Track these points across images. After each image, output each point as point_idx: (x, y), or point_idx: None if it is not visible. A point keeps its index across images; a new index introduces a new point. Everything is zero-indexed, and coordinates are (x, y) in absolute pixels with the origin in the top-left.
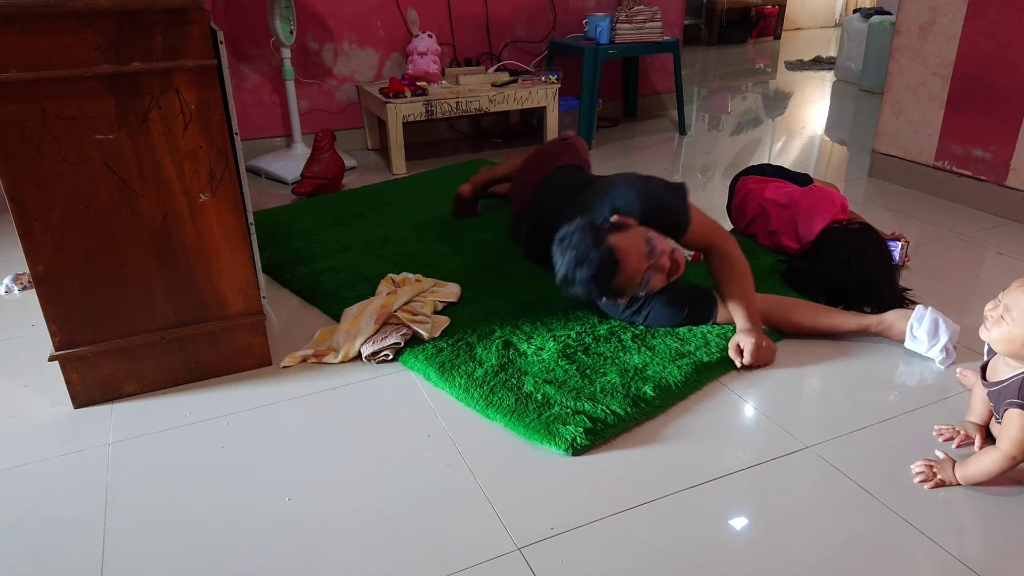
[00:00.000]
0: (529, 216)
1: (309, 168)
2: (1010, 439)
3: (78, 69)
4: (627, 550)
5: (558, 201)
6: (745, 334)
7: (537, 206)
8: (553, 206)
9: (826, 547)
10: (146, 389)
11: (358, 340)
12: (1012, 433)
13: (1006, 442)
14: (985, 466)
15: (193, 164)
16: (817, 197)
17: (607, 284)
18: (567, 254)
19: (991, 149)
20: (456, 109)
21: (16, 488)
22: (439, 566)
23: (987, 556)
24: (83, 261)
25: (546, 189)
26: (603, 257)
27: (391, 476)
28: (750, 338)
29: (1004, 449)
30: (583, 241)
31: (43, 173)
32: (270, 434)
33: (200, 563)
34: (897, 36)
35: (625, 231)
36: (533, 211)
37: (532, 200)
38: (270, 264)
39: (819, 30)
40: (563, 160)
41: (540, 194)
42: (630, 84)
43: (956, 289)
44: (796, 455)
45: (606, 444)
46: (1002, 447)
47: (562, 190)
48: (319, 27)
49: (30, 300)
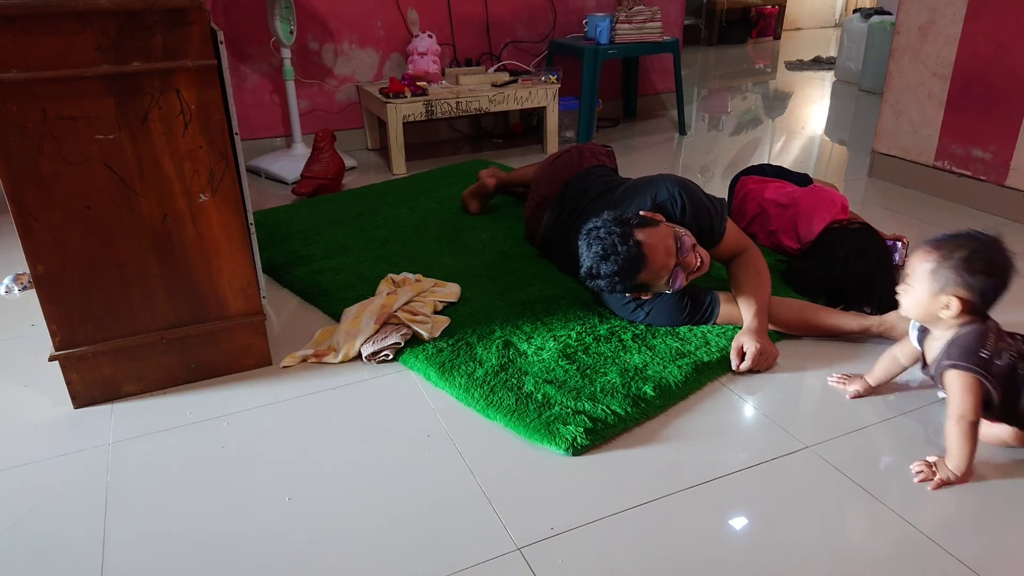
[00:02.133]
0: (555, 204)
1: (309, 168)
2: (953, 401)
3: (78, 69)
4: (627, 550)
5: (590, 193)
6: (750, 335)
7: (565, 195)
8: (583, 197)
9: (826, 547)
10: (146, 389)
11: (358, 340)
12: (952, 395)
13: (951, 406)
14: (952, 441)
15: (193, 164)
16: (817, 197)
17: (632, 279)
18: (593, 247)
19: (991, 149)
20: (456, 109)
21: (16, 488)
22: (439, 566)
23: (987, 556)
24: (83, 261)
25: (580, 179)
26: (630, 251)
27: (391, 476)
28: (754, 341)
29: (952, 413)
30: (610, 234)
31: (43, 173)
32: (270, 434)
33: (200, 563)
34: (897, 36)
35: (654, 227)
36: (560, 199)
37: (562, 189)
38: (270, 264)
39: (819, 30)
40: (601, 160)
41: (573, 182)
42: (630, 84)
43: None
44: (796, 455)
45: (606, 444)
46: (950, 413)
47: (596, 185)
48: (319, 27)
49: (30, 300)
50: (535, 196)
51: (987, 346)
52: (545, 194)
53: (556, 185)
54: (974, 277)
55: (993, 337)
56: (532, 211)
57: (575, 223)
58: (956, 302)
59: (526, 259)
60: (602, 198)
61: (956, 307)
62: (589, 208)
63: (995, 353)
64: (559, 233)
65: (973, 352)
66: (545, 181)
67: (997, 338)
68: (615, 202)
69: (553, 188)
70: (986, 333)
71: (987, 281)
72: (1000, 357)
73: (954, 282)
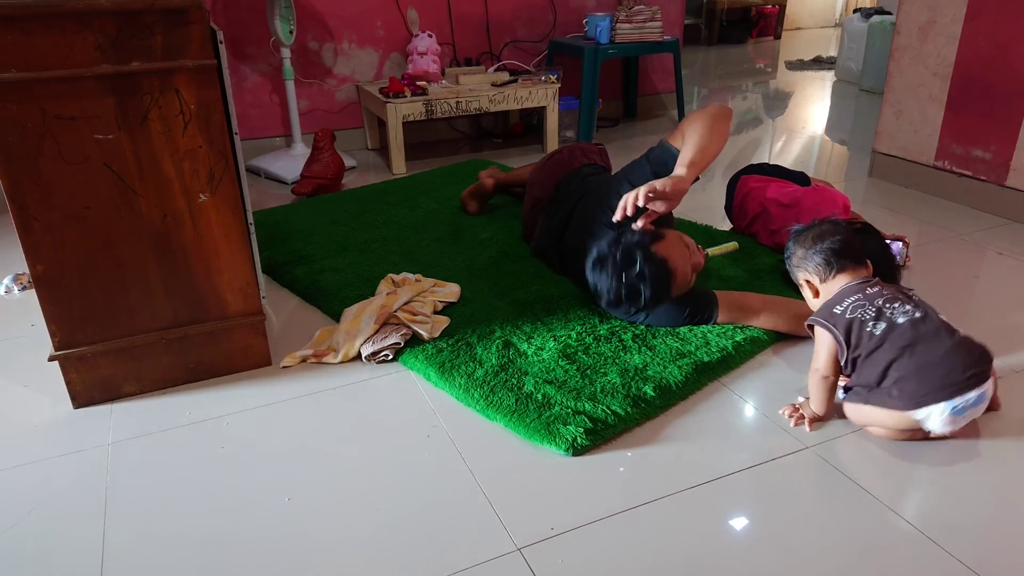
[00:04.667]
0: (547, 207)
1: (309, 168)
2: (813, 353)
3: (78, 69)
4: (627, 550)
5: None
6: (668, 177)
7: (557, 198)
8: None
9: (826, 547)
10: (146, 389)
11: (358, 340)
12: (815, 347)
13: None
14: (810, 389)
15: (193, 164)
16: (820, 197)
17: (667, 295)
18: (615, 277)
19: (991, 149)
20: (456, 109)
21: (16, 488)
22: (439, 566)
23: (987, 556)
24: (83, 261)
25: (570, 180)
26: (659, 270)
27: (391, 476)
28: (666, 181)
29: (812, 365)
30: (631, 260)
31: (43, 173)
32: (270, 434)
33: (200, 563)
34: (897, 36)
35: (663, 239)
36: (551, 202)
37: (553, 191)
38: (270, 264)
39: (819, 30)
40: (592, 158)
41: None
42: (630, 84)
43: (956, 289)
44: (796, 455)
45: (606, 444)
46: (812, 365)
47: (581, 187)
48: (319, 27)
49: (30, 300)
50: (529, 198)
51: (843, 303)
52: (538, 196)
53: (548, 185)
54: (804, 259)
55: (856, 296)
56: (527, 213)
57: (565, 230)
58: (805, 285)
59: (526, 259)
60: (585, 200)
61: (807, 290)
62: (575, 214)
63: (847, 309)
64: (551, 241)
65: (827, 308)
66: (538, 183)
67: (863, 296)
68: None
69: (545, 189)
70: (849, 292)
71: (813, 256)
72: (853, 312)
73: (797, 270)
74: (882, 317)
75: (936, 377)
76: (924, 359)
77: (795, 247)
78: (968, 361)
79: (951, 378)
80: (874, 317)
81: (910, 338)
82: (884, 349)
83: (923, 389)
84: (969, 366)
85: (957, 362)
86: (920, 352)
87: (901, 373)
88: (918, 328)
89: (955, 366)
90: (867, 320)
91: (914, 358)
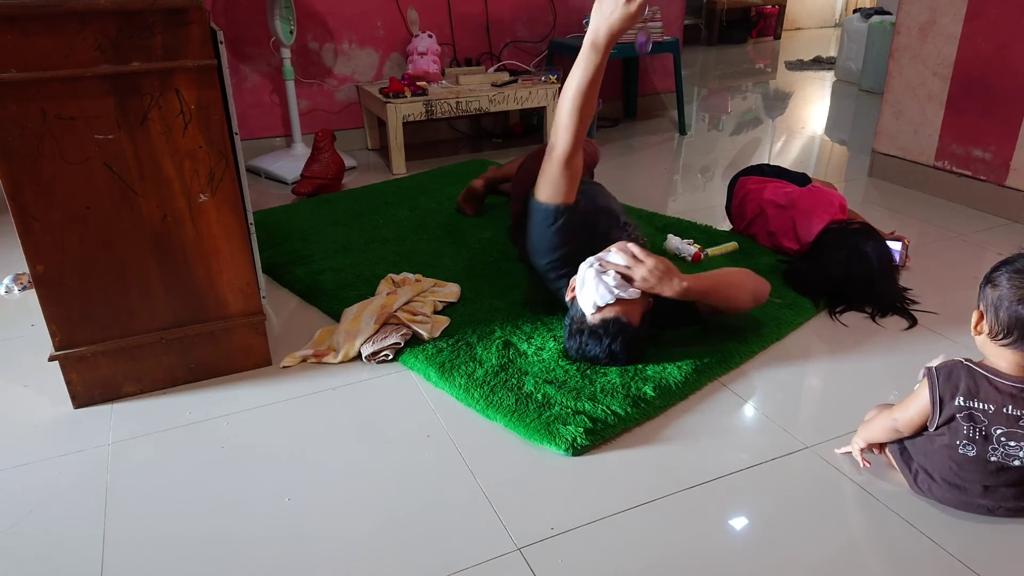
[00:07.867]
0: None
1: (309, 168)
2: (905, 402)
3: (78, 69)
4: (627, 550)
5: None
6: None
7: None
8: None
9: (826, 547)
10: (146, 389)
11: (358, 340)
12: (913, 398)
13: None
14: (874, 426)
15: (193, 164)
16: (816, 198)
17: (639, 352)
18: (594, 350)
19: (991, 149)
20: (456, 109)
21: (16, 488)
22: (439, 566)
23: (987, 556)
24: (83, 261)
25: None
26: (627, 338)
27: (391, 476)
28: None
29: (893, 413)
30: (598, 338)
31: (43, 173)
32: (270, 434)
33: (200, 563)
34: (897, 36)
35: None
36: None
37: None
38: (270, 264)
39: (819, 30)
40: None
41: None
42: (630, 84)
43: (956, 289)
44: (796, 455)
45: (606, 444)
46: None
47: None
48: (319, 27)
49: (30, 300)
50: (513, 206)
51: (973, 400)
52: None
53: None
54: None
55: (989, 404)
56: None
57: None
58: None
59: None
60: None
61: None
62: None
63: (968, 408)
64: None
65: (954, 386)
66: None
67: (995, 407)
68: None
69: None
70: (990, 396)
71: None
72: (968, 419)
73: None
74: (982, 442)
75: (959, 503)
76: (961, 487)
77: (1002, 280)
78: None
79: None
80: (979, 438)
81: (974, 471)
82: (947, 460)
83: (941, 497)
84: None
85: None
86: (964, 482)
87: (937, 480)
88: (986, 467)
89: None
90: (971, 434)
91: (955, 479)
